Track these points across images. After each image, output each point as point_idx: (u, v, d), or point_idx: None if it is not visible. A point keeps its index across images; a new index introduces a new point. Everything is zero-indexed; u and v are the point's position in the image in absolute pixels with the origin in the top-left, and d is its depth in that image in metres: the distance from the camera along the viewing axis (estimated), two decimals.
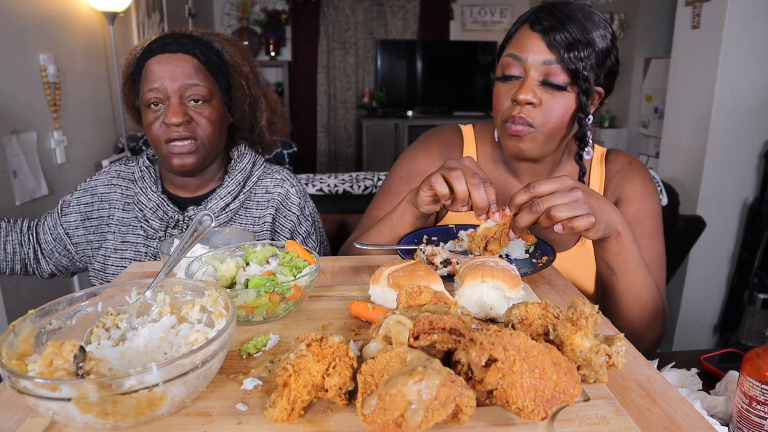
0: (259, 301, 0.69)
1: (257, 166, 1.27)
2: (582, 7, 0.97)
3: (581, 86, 0.94)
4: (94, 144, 2.96)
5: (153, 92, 1.10)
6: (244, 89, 1.22)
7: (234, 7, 5.81)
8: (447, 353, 0.55)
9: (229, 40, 1.22)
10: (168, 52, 1.11)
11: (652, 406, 0.54)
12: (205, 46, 1.16)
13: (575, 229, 0.81)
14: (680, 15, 2.65)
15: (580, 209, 0.80)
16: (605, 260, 0.93)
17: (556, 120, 0.96)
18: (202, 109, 1.13)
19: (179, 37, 1.14)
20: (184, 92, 1.11)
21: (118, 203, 1.22)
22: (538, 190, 0.82)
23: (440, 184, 0.86)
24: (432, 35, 6.03)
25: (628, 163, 1.12)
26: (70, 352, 0.49)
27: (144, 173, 1.22)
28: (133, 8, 3.42)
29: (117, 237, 1.19)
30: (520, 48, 0.97)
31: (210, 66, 1.15)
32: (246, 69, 1.22)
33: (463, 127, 1.20)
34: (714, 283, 2.67)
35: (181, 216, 1.18)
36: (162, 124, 1.11)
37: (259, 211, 1.23)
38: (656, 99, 3.65)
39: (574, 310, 0.57)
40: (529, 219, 0.82)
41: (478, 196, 0.83)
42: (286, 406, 0.50)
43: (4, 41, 2.21)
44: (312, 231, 1.29)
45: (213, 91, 1.15)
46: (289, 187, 1.27)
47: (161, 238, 1.17)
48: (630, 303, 0.95)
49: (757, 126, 2.46)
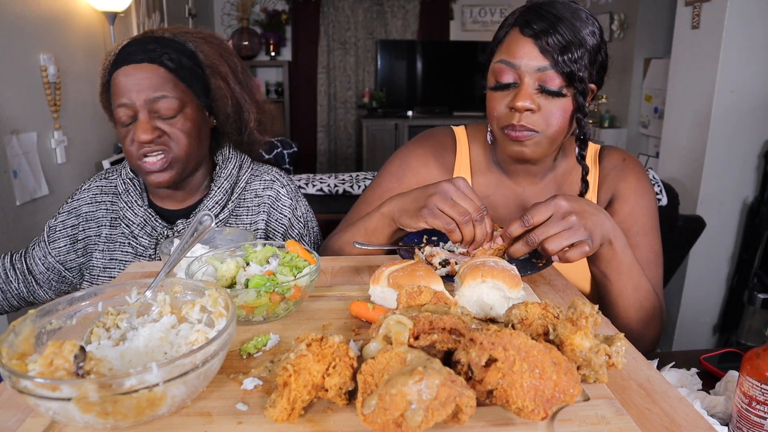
0: (259, 301, 0.69)
1: (244, 169, 1.21)
2: (568, 4, 0.95)
3: (577, 87, 0.93)
4: (94, 144, 2.96)
5: (122, 109, 1.04)
6: (224, 90, 1.14)
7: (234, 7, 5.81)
8: (447, 353, 0.55)
9: (205, 38, 1.14)
10: (133, 63, 1.04)
11: (652, 406, 0.54)
12: (175, 49, 1.08)
13: (569, 260, 0.82)
14: (680, 15, 2.65)
15: (575, 236, 0.81)
16: (598, 267, 0.93)
17: (557, 123, 0.96)
18: (174, 122, 1.06)
19: (147, 43, 1.06)
20: (152, 106, 1.04)
21: (104, 220, 1.17)
22: (532, 221, 0.82)
23: (444, 221, 0.84)
24: (432, 35, 6.03)
25: (622, 160, 1.11)
26: (70, 352, 0.49)
27: (128, 186, 1.17)
28: (133, 8, 3.42)
29: (105, 255, 1.15)
30: (512, 54, 0.95)
31: (181, 72, 1.07)
32: (224, 69, 1.14)
33: (456, 128, 1.19)
34: (714, 283, 2.67)
35: (170, 231, 1.13)
36: (133, 141, 1.05)
37: (251, 218, 1.18)
38: (656, 99, 3.65)
39: (574, 310, 0.57)
40: (524, 251, 0.84)
41: (479, 233, 0.84)
42: (286, 406, 0.50)
43: (4, 41, 2.21)
44: (305, 233, 1.25)
45: (185, 100, 1.07)
46: (279, 188, 1.22)
47: (151, 256, 1.13)
48: (625, 305, 0.95)
49: (757, 126, 2.46)
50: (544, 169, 1.10)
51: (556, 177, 1.12)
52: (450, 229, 0.84)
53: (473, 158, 1.16)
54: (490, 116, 1.01)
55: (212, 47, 1.14)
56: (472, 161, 1.15)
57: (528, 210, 0.82)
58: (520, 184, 1.12)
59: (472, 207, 0.83)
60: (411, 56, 5.93)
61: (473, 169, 1.15)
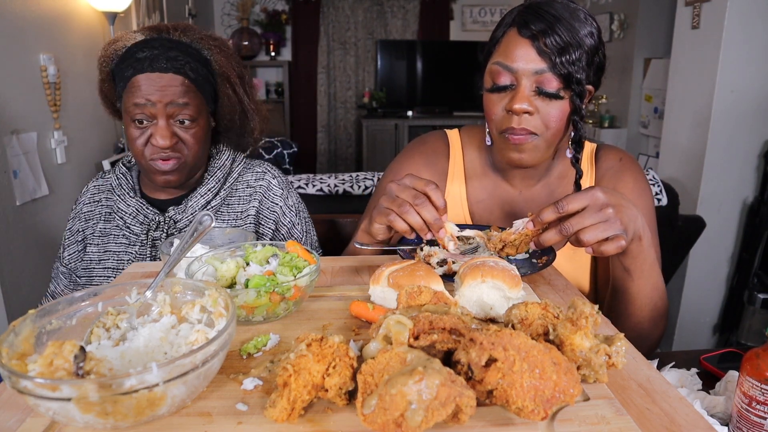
0: (259, 301, 0.69)
1: (237, 162, 1.26)
2: (566, 4, 0.94)
3: (575, 89, 0.92)
4: (94, 144, 2.97)
5: (139, 109, 1.06)
6: (232, 99, 1.19)
7: (234, 7, 5.81)
8: (447, 353, 0.55)
9: (219, 47, 1.17)
10: (158, 71, 1.06)
11: (652, 406, 0.54)
12: (195, 58, 1.11)
13: (604, 254, 0.79)
14: (680, 15, 2.65)
15: (611, 229, 0.78)
16: (623, 263, 0.90)
17: (555, 126, 0.95)
18: (189, 128, 1.10)
19: (169, 50, 1.08)
20: (172, 112, 1.08)
21: (99, 215, 1.20)
22: (567, 208, 0.78)
23: (387, 215, 0.85)
24: (432, 35, 6.03)
25: (618, 160, 1.10)
26: (70, 352, 0.49)
27: (121, 180, 1.20)
28: (133, 8, 3.42)
29: (100, 248, 1.17)
30: (509, 56, 0.94)
31: (199, 81, 1.11)
32: (234, 78, 1.18)
33: (450, 132, 1.19)
34: (714, 283, 2.67)
35: (161, 218, 1.15)
36: (147, 143, 1.08)
37: (242, 206, 1.21)
38: (656, 99, 3.65)
39: (573, 310, 0.57)
40: (555, 240, 0.80)
41: (427, 215, 0.82)
42: (286, 406, 0.50)
43: (5, 41, 2.21)
44: (297, 221, 1.27)
45: (201, 109, 1.12)
46: (270, 179, 1.25)
47: (144, 242, 1.15)
48: (641, 304, 0.94)
49: (757, 126, 2.46)
50: (540, 172, 1.09)
51: (552, 180, 1.11)
52: (390, 220, 0.85)
53: (467, 162, 1.15)
54: (489, 119, 1.00)
55: (225, 56, 1.17)
56: (467, 166, 1.15)
57: (563, 198, 0.80)
58: (516, 186, 1.11)
59: (410, 195, 0.84)
60: (411, 56, 5.93)
61: (467, 174, 1.14)
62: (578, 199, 0.79)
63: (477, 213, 1.13)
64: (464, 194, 1.13)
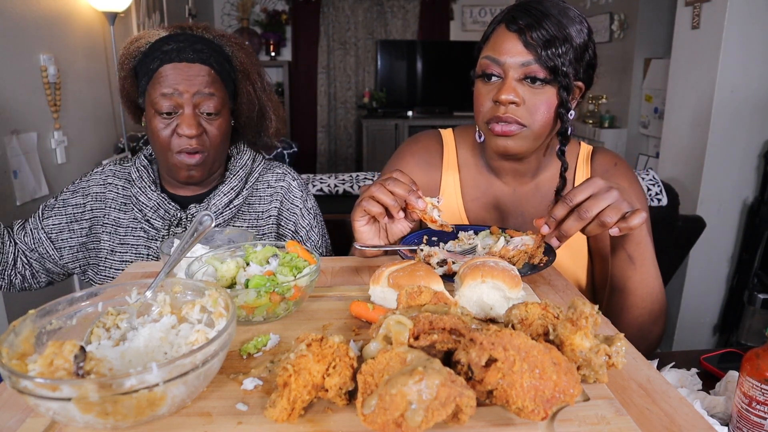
0: (259, 301, 0.69)
1: (257, 162, 1.27)
2: (557, 3, 0.96)
3: (561, 82, 0.94)
4: (95, 144, 2.97)
5: (167, 99, 1.07)
6: (251, 96, 1.20)
7: (234, 7, 5.81)
8: (447, 353, 0.55)
9: (239, 44, 1.19)
10: (186, 61, 1.08)
11: (652, 406, 0.54)
12: (218, 53, 1.13)
13: (632, 228, 0.80)
14: (680, 15, 2.65)
15: (625, 206, 0.80)
16: (626, 249, 0.92)
17: (542, 117, 0.96)
18: (214, 120, 1.11)
19: (195, 43, 1.10)
20: (199, 101, 1.08)
21: (113, 203, 1.19)
22: (576, 200, 0.81)
23: (371, 204, 0.89)
24: (432, 35, 6.03)
25: (613, 164, 1.11)
26: (70, 352, 0.49)
27: (142, 173, 1.19)
28: (133, 8, 3.42)
29: (114, 239, 1.17)
30: (497, 50, 0.96)
31: (223, 75, 1.13)
32: (254, 76, 1.20)
33: (443, 131, 1.20)
34: (714, 283, 2.67)
35: (183, 214, 1.16)
36: (173, 134, 1.09)
37: (263, 206, 1.22)
38: (656, 99, 3.65)
39: (573, 310, 0.57)
40: (578, 226, 0.82)
41: (398, 189, 0.87)
42: (286, 406, 0.50)
43: (5, 41, 2.21)
44: (315, 224, 1.28)
45: (224, 102, 1.13)
46: (291, 180, 1.27)
47: (165, 237, 1.15)
48: (643, 294, 0.95)
49: (757, 126, 2.46)
50: (532, 169, 1.10)
51: (545, 178, 1.11)
52: (363, 206, 0.90)
53: (461, 161, 1.16)
54: (477, 111, 1.02)
55: (245, 54, 1.19)
56: (460, 164, 1.16)
57: (568, 192, 0.83)
58: (509, 184, 1.12)
59: (377, 183, 0.89)
60: (411, 56, 5.93)
61: (461, 172, 1.15)
62: (583, 189, 0.81)
63: (471, 210, 1.14)
64: (459, 188, 1.14)
